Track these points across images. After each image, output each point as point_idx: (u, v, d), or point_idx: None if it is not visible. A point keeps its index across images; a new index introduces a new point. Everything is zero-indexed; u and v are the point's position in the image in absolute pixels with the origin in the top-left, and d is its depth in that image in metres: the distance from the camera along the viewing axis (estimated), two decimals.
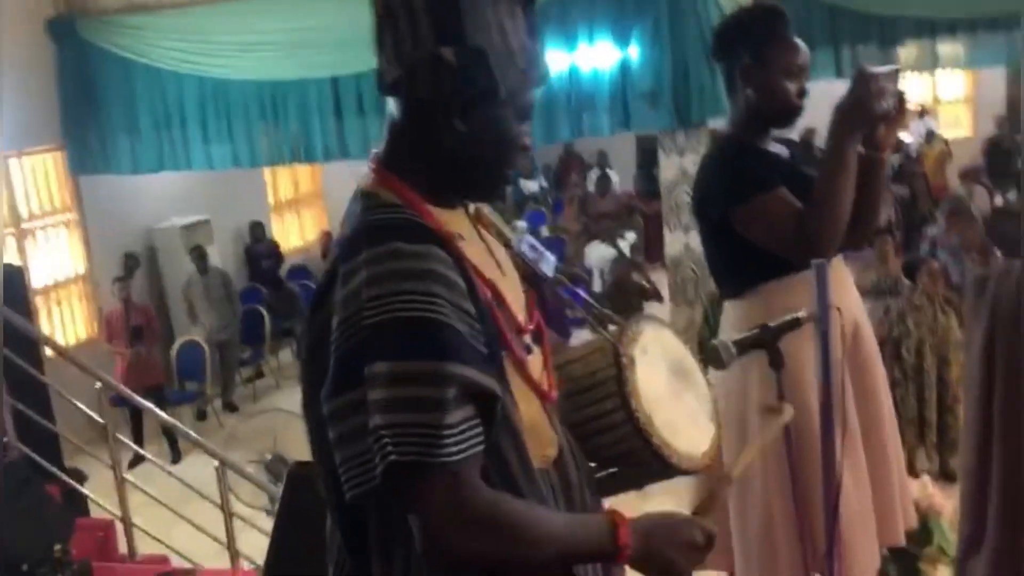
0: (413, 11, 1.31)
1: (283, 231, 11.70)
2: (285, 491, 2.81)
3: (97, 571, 3.88)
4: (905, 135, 12.34)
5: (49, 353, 5.60)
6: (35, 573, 3.41)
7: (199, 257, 8.88)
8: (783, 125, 2.40)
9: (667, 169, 7.13)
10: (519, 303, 1.45)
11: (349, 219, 1.37)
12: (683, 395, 1.62)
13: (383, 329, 1.21)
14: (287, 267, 11.04)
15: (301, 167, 11.04)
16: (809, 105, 2.39)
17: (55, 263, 8.53)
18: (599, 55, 6.98)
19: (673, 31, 6.76)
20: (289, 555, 2.64)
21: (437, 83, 1.31)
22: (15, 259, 7.63)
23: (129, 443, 5.39)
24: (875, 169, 2.29)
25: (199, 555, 4.74)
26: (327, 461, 1.29)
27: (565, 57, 6.93)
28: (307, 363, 1.35)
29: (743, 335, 1.86)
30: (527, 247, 1.54)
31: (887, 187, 2.44)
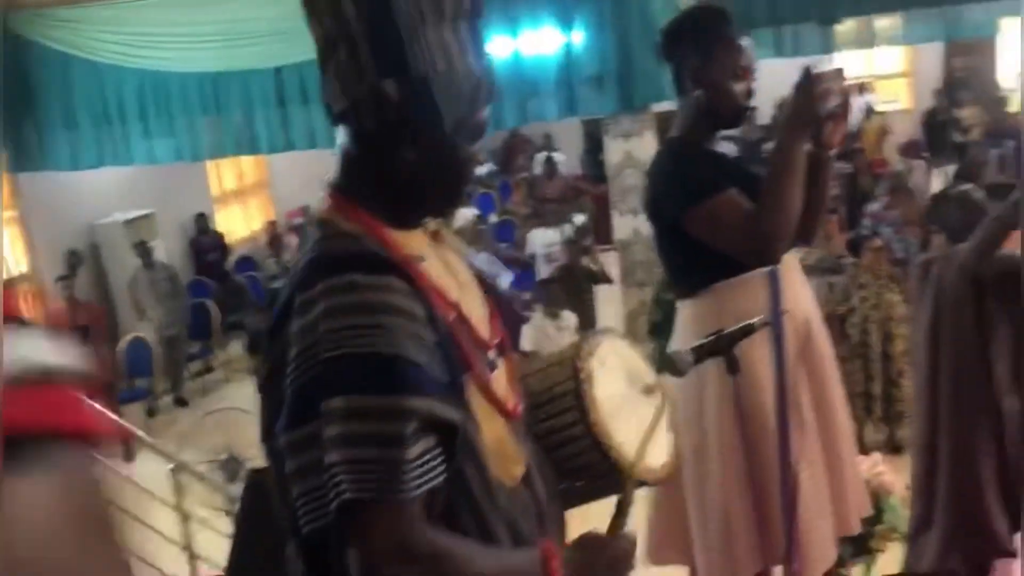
0: (354, 42, 1.29)
1: (228, 222, 11.56)
2: (244, 499, 2.80)
3: None
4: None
5: None
6: None
7: (143, 252, 8.76)
8: (731, 126, 2.42)
9: (613, 153, 7.15)
10: (482, 319, 1.45)
11: (304, 245, 1.36)
12: (640, 407, 1.63)
13: (341, 363, 1.20)
14: (234, 258, 10.92)
15: (245, 156, 10.91)
16: None
17: None
18: (542, 40, 6.97)
19: (616, 15, 6.78)
20: (250, 564, 2.63)
21: (381, 116, 1.29)
22: None
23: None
24: (822, 167, 2.33)
25: (156, 558, 4.70)
26: (286, 490, 1.29)
27: (509, 43, 6.91)
28: (265, 390, 1.34)
29: (700, 342, 1.88)
30: (485, 262, 1.55)
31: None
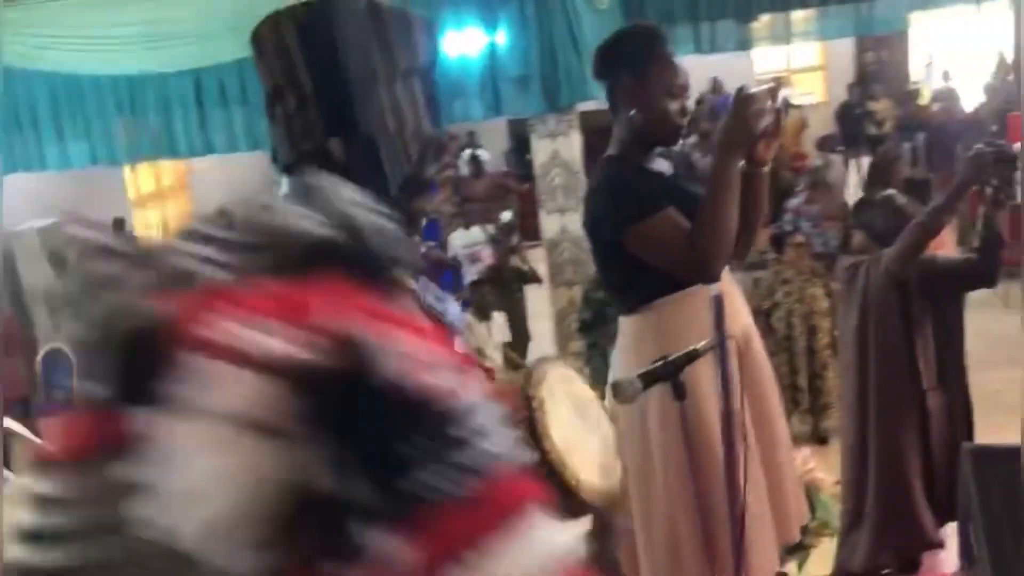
0: (302, 96, 1.25)
1: (147, 226, 11.32)
2: None
3: None
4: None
5: None
6: None
7: (60, 260, 8.52)
8: (667, 144, 2.44)
9: (540, 153, 7.17)
10: None
11: None
12: (589, 435, 1.65)
13: None
14: None
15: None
16: None
17: None
18: (466, 41, 6.96)
19: (539, 15, 6.80)
20: None
21: (326, 174, 1.28)
22: None
23: None
24: (756, 183, 2.37)
25: None
26: None
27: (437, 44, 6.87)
28: None
29: (647, 369, 1.89)
30: (432, 299, 1.54)
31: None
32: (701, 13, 8.66)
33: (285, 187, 1.34)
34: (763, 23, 9.41)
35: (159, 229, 11.55)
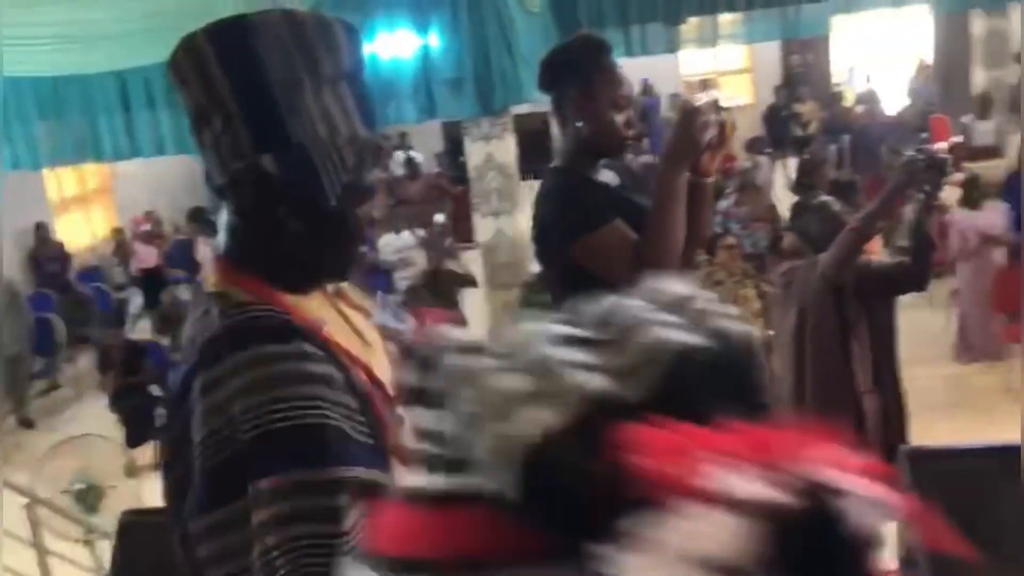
0: (228, 114, 1.21)
1: (70, 230, 11.02)
2: (117, 545, 2.66)
3: None
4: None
5: None
6: None
7: None
8: (613, 155, 2.45)
9: (474, 155, 7.16)
10: (388, 375, 1.42)
11: (199, 321, 1.26)
12: None
13: (263, 443, 1.13)
14: (78, 269, 10.42)
15: None
16: None
17: None
18: (399, 43, 6.91)
19: (472, 18, 6.77)
20: None
21: (261, 192, 1.23)
22: None
23: None
24: (701, 194, 2.39)
25: None
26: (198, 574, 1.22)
27: (365, 46, 6.81)
28: (166, 474, 1.25)
29: None
30: (390, 318, 1.52)
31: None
32: (631, 16, 8.75)
33: (224, 212, 1.30)
34: (691, 26, 9.53)
35: (83, 234, 11.26)
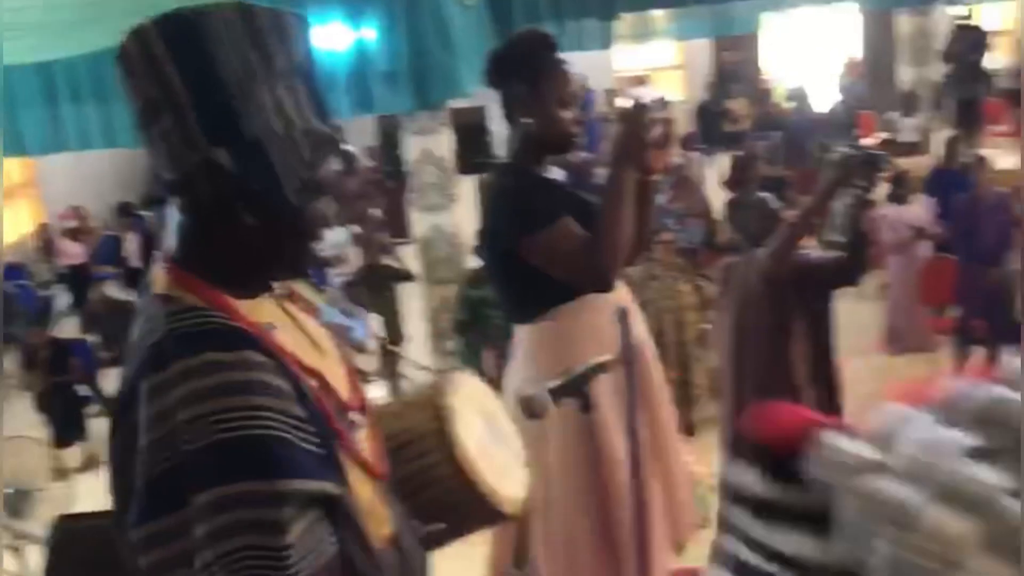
0: (179, 108, 1.19)
1: None
2: (52, 552, 2.59)
3: None
4: (625, 102, 12.98)
5: None
6: None
7: None
8: (561, 152, 2.46)
9: (411, 150, 7.12)
10: (341, 379, 1.39)
11: (145, 325, 1.23)
12: (498, 444, 1.65)
13: (206, 453, 1.10)
14: (1, 266, 10.12)
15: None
16: None
17: None
18: (333, 36, 6.84)
19: (407, 12, 6.72)
20: None
21: (216, 187, 1.21)
22: None
23: None
24: (647, 191, 2.41)
25: None
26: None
27: None
28: (113, 481, 1.22)
29: (555, 384, 1.89)
30: (336, 318, 1.50)
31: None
32: (565, 11, 8.77)
33: (173, 204, 1.27)
34: (625, 22, 9.61)
35: (7, 230, 10.94)
